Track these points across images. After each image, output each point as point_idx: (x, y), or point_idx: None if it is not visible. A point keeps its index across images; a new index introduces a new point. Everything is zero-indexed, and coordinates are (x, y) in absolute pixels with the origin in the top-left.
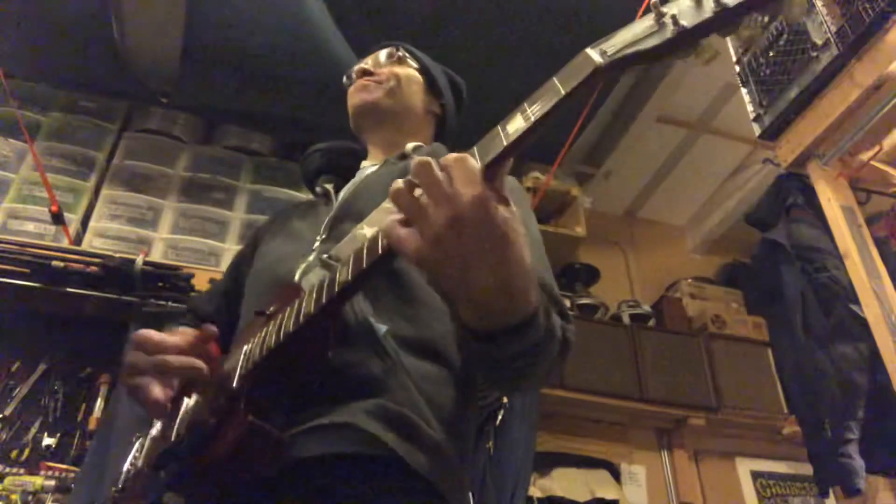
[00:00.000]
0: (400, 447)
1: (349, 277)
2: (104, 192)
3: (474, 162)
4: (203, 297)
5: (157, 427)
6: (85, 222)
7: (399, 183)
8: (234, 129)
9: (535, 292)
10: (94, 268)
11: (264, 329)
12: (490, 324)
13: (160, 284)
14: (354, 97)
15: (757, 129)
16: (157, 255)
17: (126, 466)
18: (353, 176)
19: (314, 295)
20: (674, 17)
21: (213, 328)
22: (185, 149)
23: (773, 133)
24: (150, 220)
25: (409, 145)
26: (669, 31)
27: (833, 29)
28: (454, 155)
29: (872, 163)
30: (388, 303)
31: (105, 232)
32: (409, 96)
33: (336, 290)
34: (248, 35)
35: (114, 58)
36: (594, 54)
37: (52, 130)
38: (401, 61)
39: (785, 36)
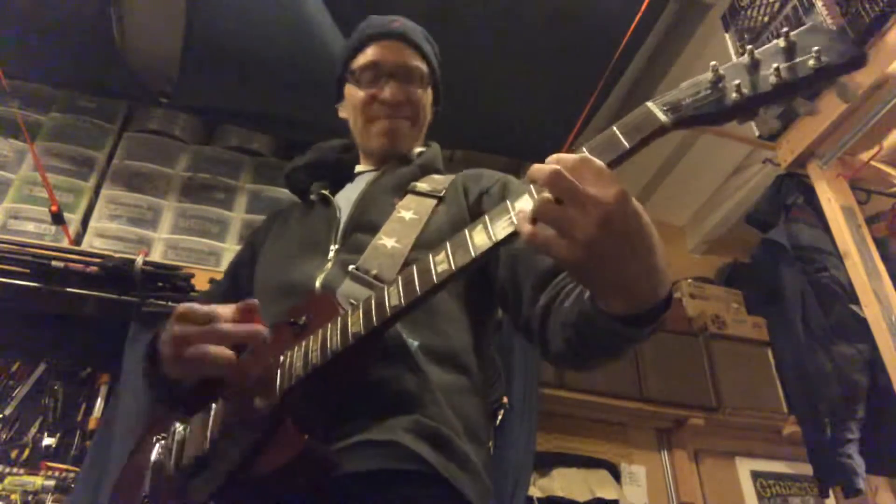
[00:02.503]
0: (439, 463)
1: (402, 302)
2: (104, 192)
3: (597, 161)
4: (201, 301)
5: (180, 430)
6: (85, 222)
7: (539, 193)
8: (234, 129)
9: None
10: (94, 268)
11: (303, 343)
12: (639, 306)
13: (160, 284)
14: (381, 139)
15: (757, 130)
16: (157, 255)
17: (150, 471)
18: (346, 178)
19: (362, 315)
20: (737, 85)
21: (255, 301)
22: (185, 149)
23: (773, 133)
24: (150, 220)
25: (415, 150)
26: (731, 98)
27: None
28: (574, 156)
29: (872, 163)
30: (413, 314)
31: (105, 232)
32: (424, 119)
33: (389, 313)
34: (248, 35)
35: (114, 58)
36: (658, 112)
37: (52, 130)
38: (425, 83)
39: None
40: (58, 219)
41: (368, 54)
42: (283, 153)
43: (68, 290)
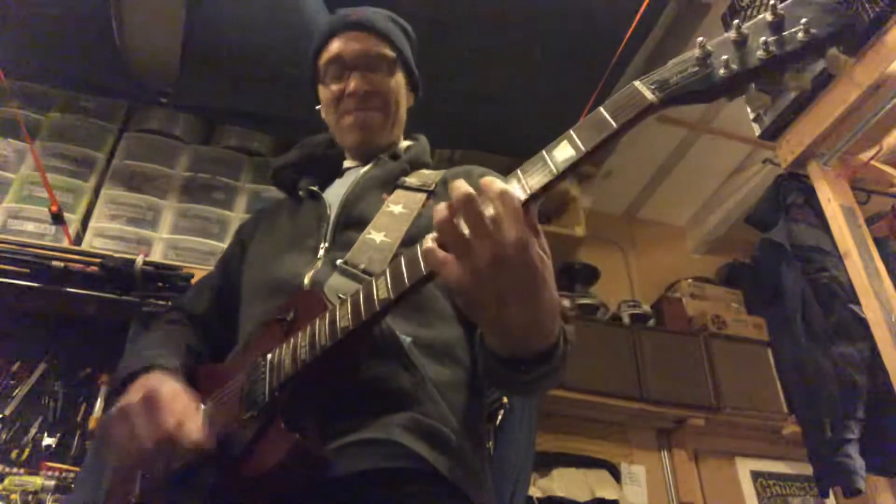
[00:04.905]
0: (437, 461)
1: (391, 295)
2: (104, 192)
3: (518, 199)
4: (192, 296)
5: None
6: (85, 222)
7: (443, 210)
8: (234, 129)
9: (558, 324)
10: (94, 268)
11: (291, 339)
12: (514, 352)
13: (160, 284)
14: (354, 134)
15: (757, 129)
16: (157, 255)
17: (140, 474)
18: (334, 173)
19: (350, 309)
20: (725, 61)
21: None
22: (185, 149)
23: (773, 133)
24: (150, 220)
25: (402, 144)
26: (719, 74)
27: None
28: (498, 186)
29: (872, 163)
30: (404, 309)
31: (105, 232)
32: (399, 106)
33: (377, 307)
34: (248, 35)
35: (114, 58)
36: (646, 90)
37: (52, 130)
38: (391, 68)
39: None
40: (58, 219)
41: (331, 49)
42: (282, 153)
43: (68, 290)
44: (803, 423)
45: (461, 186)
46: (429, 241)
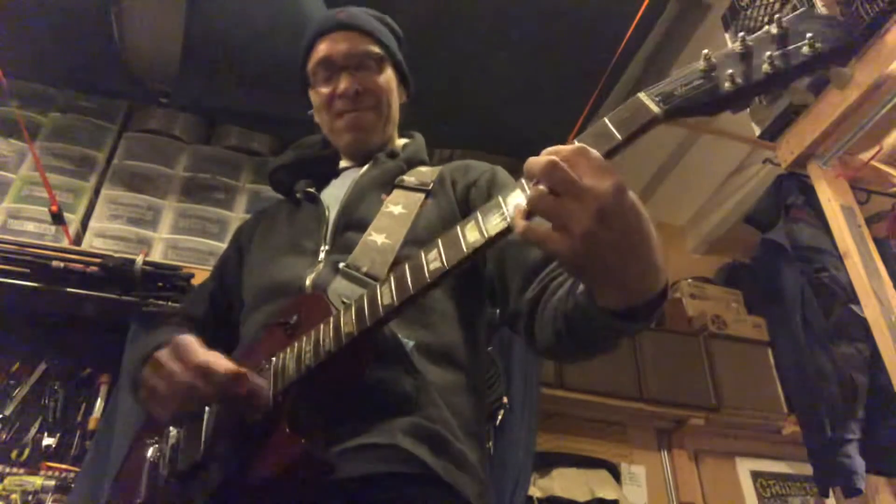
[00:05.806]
0: (438, 466)
1: (395, 301)
2: (104, 192)
3: (595, 151)
4: (189, 301)
5: (174, 434)
6: (85, 222)
7: (533, 188)
8: (234, 129)
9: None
10: (94, 268)
11: (296, 343)
12: (633, 300)
13: (160, 284)
14: (348, 135)
15: (757, 130)
16: (157, 255)
17: (144, 475)
18: (330, 174)
19: (354, 314)
20: (730, 75)
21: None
22: (185, 149)
23: (773, 133)
24: (150, 220)
25: (399, 142)
26: (724, 88)
27: None
28: (571, 146)
29: (872, 163)
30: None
31: (105, 232)
32: (391, 104)
33: (381, 313)
34: (248, 35)
35: (114, 58)
36: (650, 103)
37: (52, 130)
38: (381, 65)
39: None
40: (58, 219)
41: (319, 52)
42: (282, 153)
43: (68, 290)
44: (803, 423)
45: (538, 159)
46: (521, 221)
